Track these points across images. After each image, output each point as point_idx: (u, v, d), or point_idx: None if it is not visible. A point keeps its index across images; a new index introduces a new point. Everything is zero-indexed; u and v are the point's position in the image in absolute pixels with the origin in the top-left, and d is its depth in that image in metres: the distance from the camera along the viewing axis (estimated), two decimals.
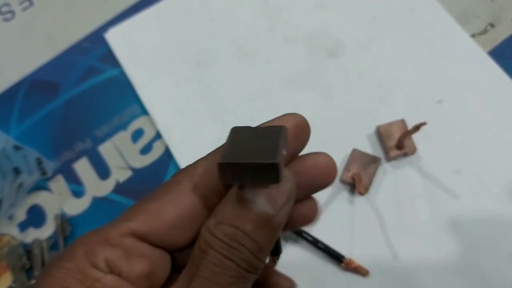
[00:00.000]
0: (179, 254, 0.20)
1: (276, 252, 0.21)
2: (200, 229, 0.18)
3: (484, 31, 0.48)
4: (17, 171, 0.45)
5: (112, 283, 0.17)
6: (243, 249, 0.17)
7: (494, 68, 0.46)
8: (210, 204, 0.19)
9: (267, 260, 0.20)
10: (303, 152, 0.21)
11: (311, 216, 0.21)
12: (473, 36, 0.48)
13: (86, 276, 0.17)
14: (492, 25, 0.48)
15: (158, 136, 0.47)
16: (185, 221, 0.19)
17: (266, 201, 0.17)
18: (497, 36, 0.48)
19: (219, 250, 0.17)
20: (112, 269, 0.18)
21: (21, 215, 0.46)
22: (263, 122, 0.20)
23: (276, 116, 0.20)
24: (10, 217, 0.45)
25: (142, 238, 0.18)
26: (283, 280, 0.23)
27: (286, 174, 0.18)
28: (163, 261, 0.19)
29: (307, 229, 0.42)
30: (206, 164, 0.19)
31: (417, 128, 0.39)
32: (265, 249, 0.18)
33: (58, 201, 0.46)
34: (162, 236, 0.19)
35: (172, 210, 0.19)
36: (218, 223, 0.17)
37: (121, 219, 0.19)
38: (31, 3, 0.54)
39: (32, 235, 0.45)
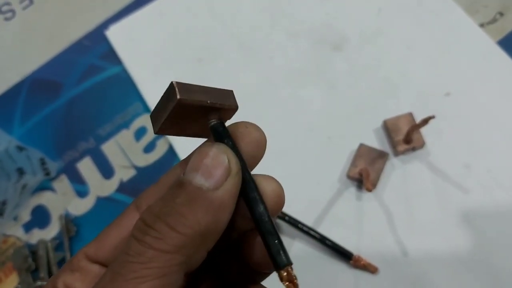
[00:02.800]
0: None
1: (277, 263, 0.17)
2: None
3: (493, 20, 0.47)
4: (20, 171, 0.45)
5: None
6: (161, 225, 0.16)
7: (504, 58, 0.45)
8: None
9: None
10: None
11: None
12: (481, 25, 0.47)
13: None
14: (501, 14, 0.47)
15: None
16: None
17: (201, 175, 0.17)
18: (507, 25, 0.46)
19: (132, 233, 0.16)
20: None
21: (25, 216, 0.45)
22: (268, 118, 0.20)
23: (281, 111, 0.20)
24: (15, 218, 0.45)
25: (93, 260, 0.20)
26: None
27: (221, 147, 0.18)
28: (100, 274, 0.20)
29: (314, 226, 0.41)
30: (150, 187, 0.20)
31: (425, 121, 0.38)
32: (194, 225, 0.16)
33: (62, 201, 0.46)
34: (108, 257, 0.20)
35: (114, 232, 0.20)
36: (152, 203, 0.17)
37: (82, 247, 0.20)
38: (31, 2, 0.54)
39: (37, 236, 0.44)
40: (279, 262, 0.17)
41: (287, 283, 0.17)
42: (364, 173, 0.39)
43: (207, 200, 0.16)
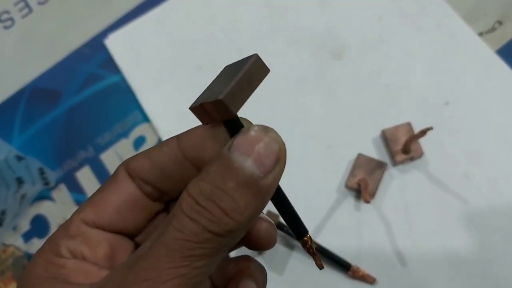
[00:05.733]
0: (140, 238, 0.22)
1: (299, 233, 0.20)
2: (147, 213, 0.21)
3: (492, 29, 0.47)
4: (20, 181, 0.45)
5: (74, 265, 0.19)
6: (216, 209, 0.17)
7: (502, 67, 0.45)
8: (146, 192, 0.21)
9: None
10: None
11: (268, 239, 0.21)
12: (480, 34, 0.47)
13: (51, 265, 0.19)
14: (500, 23, 0.47)
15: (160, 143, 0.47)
16: (126, 206, 0.20)
17: (252, 162, 0.17)
18: (506, 34, 0.46)
19: (185, 211, 0.17)
20: (75, 255, 0.20)
21: (25, 225, 0.45)
22: (269, 126, 0.20)
23: (281, 119, 0.21)
24: (14, 228, 0.45)
25: (93, 225, 0.20)
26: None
27: (273, 135, 0.18)
28: (123, 244, 0.21)
29: (312, 236, 0.41)
30: (140, 156, 0.21)
31: (423, 132, 0.38)
32: (245, 212, 0.17)
33: (61, 210, 0.46)
34: (110, 222, 0.20)
35: (112, 197, 0.20)
36: (199, 180, 0.17)
37: (76, 213, 0.21)
38: (31, 10, 0.54)
39: (37, 245, 0.44)
40: (302, 231, 0.20)
41: (309, 246, 0.20)
42: (363, 184, 0.39)
43: (257, 187, 0.17)
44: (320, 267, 0.21)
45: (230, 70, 0.19)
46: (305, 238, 0.20)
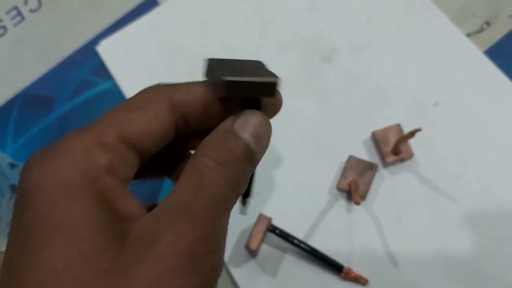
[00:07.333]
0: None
1: (247, 194, 0.23)
2: (165, 142, 0.22)
3: (480, 30, 0.47)
4: (14, 188, 0.45)
5: (111, 185, 0.19)
6: (235, 170, 0.20)
7: (491, 68, 0.45)
8: (177, 124, 0.22)
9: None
10: None
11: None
12: (468, 35, 0.47)
13: (87, 176, 0.18)
14: (488, 24, 0.47)
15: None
16: (164, 135, 0.21)
17: (252, 137, 0.20)
18: (493, 35, 0.47)
19: (214, 169, 0.19)
20: (112, 172, 0.19)
21: None
22: None
23: (272, 123, 0.23)
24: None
25: (130, 144, 0.20)
26: None
27: (269, 121, 0.21)
28: (134, 163, 0.21)
29: (304, 238, 0.41)
30: (185, 88, 0.22)
31: (412, 134, 0.38)
32: (243, 178, 0.20)
33: None
34: (147, 146, 0.21)
35: (155, 125, 0.21)
36: (209, 150, 0.20)
37: (108, 124, 0.20)
38: (23, 18, 0.54)
39: None
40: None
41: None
42: (353, 186, 0.40)
43: (252, 161, 0.21)
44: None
45: (238, 64, 0.22)
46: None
